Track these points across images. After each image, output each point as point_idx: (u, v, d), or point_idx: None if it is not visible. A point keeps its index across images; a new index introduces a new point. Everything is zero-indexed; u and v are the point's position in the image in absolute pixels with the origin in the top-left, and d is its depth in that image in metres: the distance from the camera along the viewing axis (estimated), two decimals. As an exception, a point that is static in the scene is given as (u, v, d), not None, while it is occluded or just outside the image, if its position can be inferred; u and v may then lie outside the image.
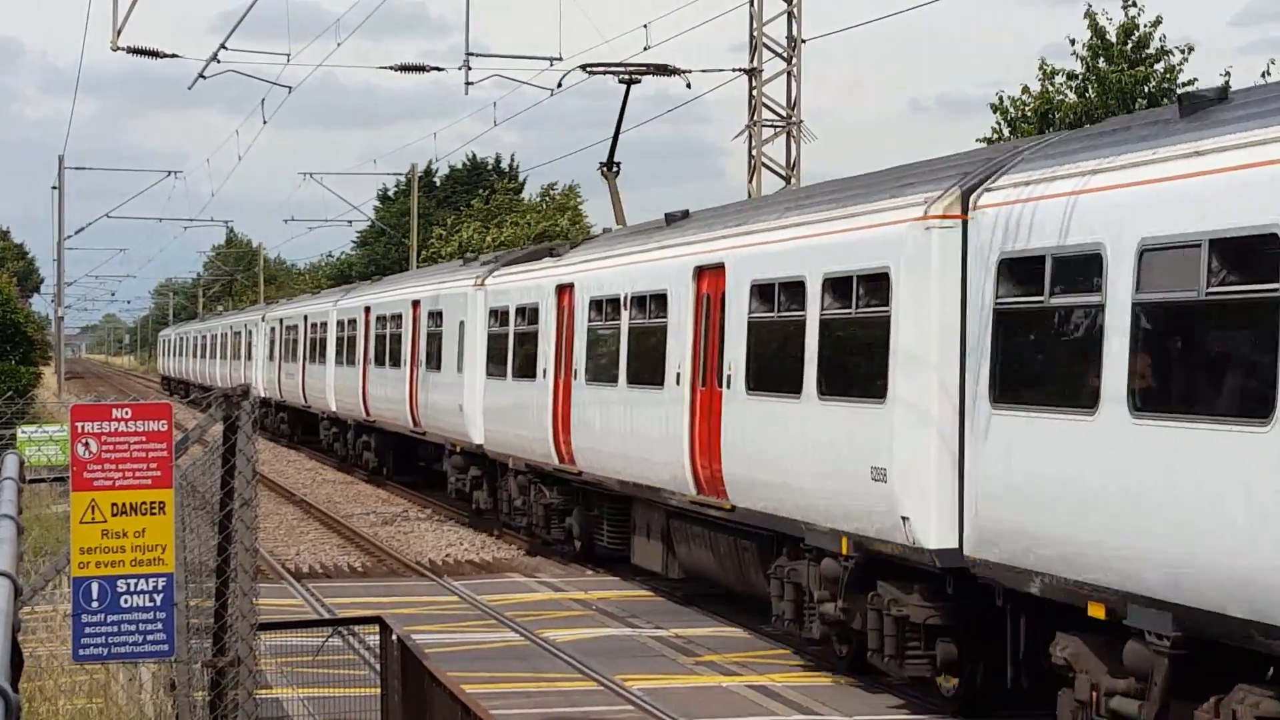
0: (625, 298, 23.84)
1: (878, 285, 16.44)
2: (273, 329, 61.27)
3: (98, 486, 9.42)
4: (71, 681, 12.80)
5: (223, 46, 36.60)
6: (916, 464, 15.70)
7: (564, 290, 26.49)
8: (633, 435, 23.11)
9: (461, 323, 32.46)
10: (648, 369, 22.80)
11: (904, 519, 15.76)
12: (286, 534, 33.30)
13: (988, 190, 15.08)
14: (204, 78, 37.99)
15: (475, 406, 31.32)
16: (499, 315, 30.04)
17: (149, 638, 9.51)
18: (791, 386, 18.09)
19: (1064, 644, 13.65)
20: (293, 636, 15.37)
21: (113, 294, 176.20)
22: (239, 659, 10.62)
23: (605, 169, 31.09)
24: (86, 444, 9.41)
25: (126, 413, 9.49)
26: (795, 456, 18.06)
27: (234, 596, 10.65)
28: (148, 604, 9.46)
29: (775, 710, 16.92)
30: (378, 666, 14.54)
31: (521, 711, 16.71)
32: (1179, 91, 16.73)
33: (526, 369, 28.08)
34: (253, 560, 10.75)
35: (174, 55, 38.10)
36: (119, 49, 35.67)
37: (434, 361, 34.75)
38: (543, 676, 18.65)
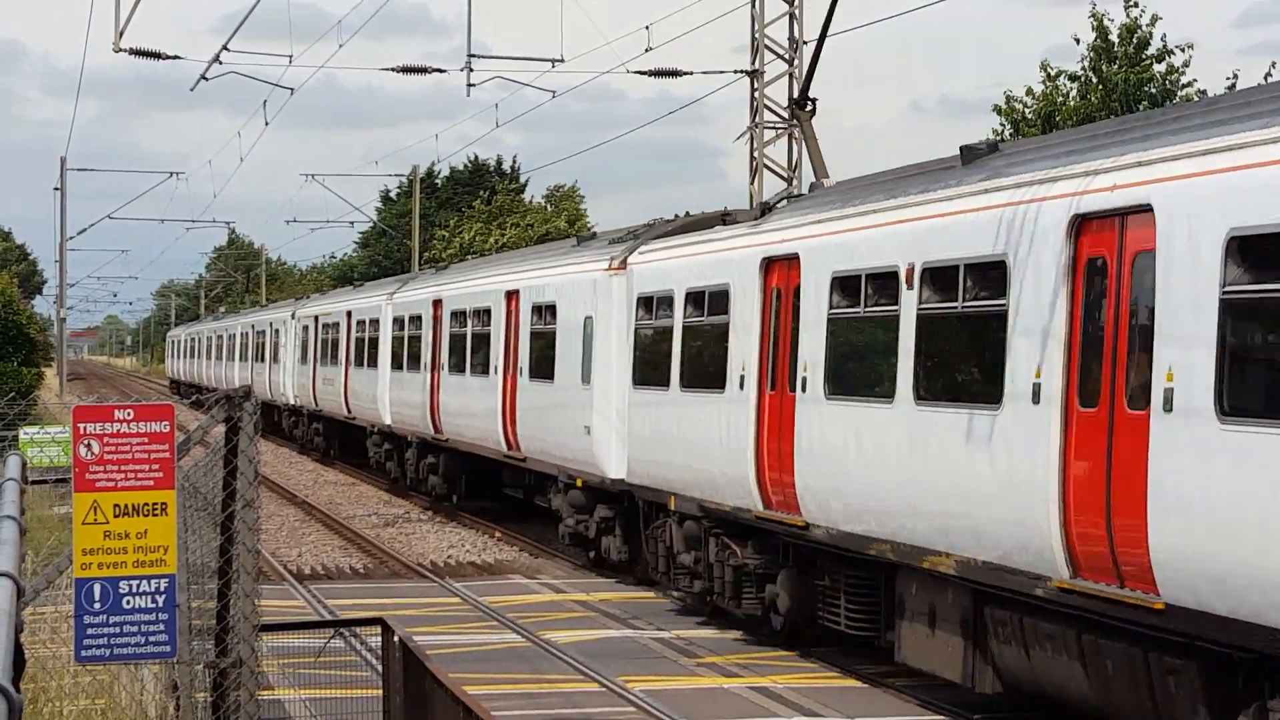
0: (918, 271, 16.08)
1: None
2: (305, 327, 54.20)
3: (100, 488, 9.44)
4: (74, 683, 12.81)
5: (225, 48, 36.62)
6: None
7: (777, 265, 19.58)
8: (926, 477, 15.77)
9: (588, 319, 26.10)
10: (968, 378, 15.52)
11: None
12: (288, 535, 33.32)
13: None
14: (206, 79, 38.01)
15: (610, 428, 24.97)
16: (653, 305, 23.10)
17: (151, 639, 9.52)
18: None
19: None
20: (295, 638, 15.38)
21: (114, 295, 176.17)
22: (241, 660, 10.63)
23: (797, 107, 23.68)
24: (89, 445, 9.43)
25: (129, 414, 9.51)
26: None
27: (236, 598, 10.66)
28: (150, 605, 9.48)
29: (777, 712, 16.93)
30: (379, 668, 14.54)
31: (523, 713, 16.72)
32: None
33: (704, 377, 21.10)
34: (255, 561, 10.76)
35: (176, 57, 38.13)
36: (121, 50, 35.69)
37: (543, 368, 28.30)
38: (544, 678, 18.66)
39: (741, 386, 19.99)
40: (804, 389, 18.40)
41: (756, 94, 34.39)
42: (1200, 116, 12.82)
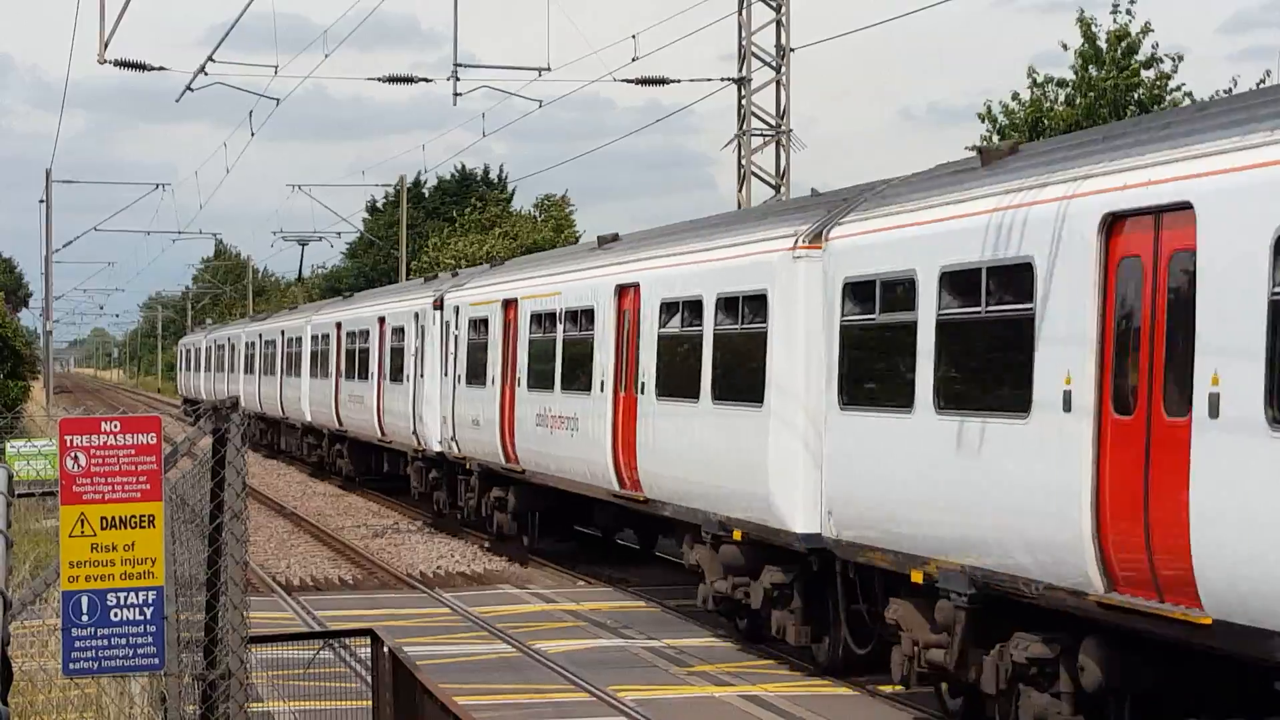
0: None
1: None
2: (325, 336, 48.39)
3: (87, 500, 9.38)
4: (62, 696, 12.75)
5: (210, 59, 36.56)
6: None
7: (1131, 223, 12.78)
8: None
9: (764, 313, 19.30)
10: None
11: None
12: (277, 547, 33.24)
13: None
14: (192, 90, 37.92)
15: (793, 464, 18.61)
16: (872, 293, 16.76)
17: (139, 651, 9.47)
18: None
19: None
20: (284, 649, 15.31)
21: (101, 308, 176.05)
22: (230, 672, 10.57)
23: None
24: (75, 458, 9.37)
25: (115, 426, 9.45)
26: None
27: (224, 609, 10.60)
28: (138, 617, 9.42)
29: (768, 720, 16.89)
30: (369, 679, 14.48)
31: (514, 723, 16.66)
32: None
33: (989, 394, 14.70)
34: (243, 573, 10.70)
35: (161, 68, 38.02)
36: (106, 62, 35.61)
37: (679, 383, 21.62)
38: (535, 688, 18.61)
39: (1067, 407, 13.20)
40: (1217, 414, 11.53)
41: (744, 102, 34.39)
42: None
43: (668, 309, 22.10)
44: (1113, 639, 13.11)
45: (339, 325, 46.78)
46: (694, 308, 21.17)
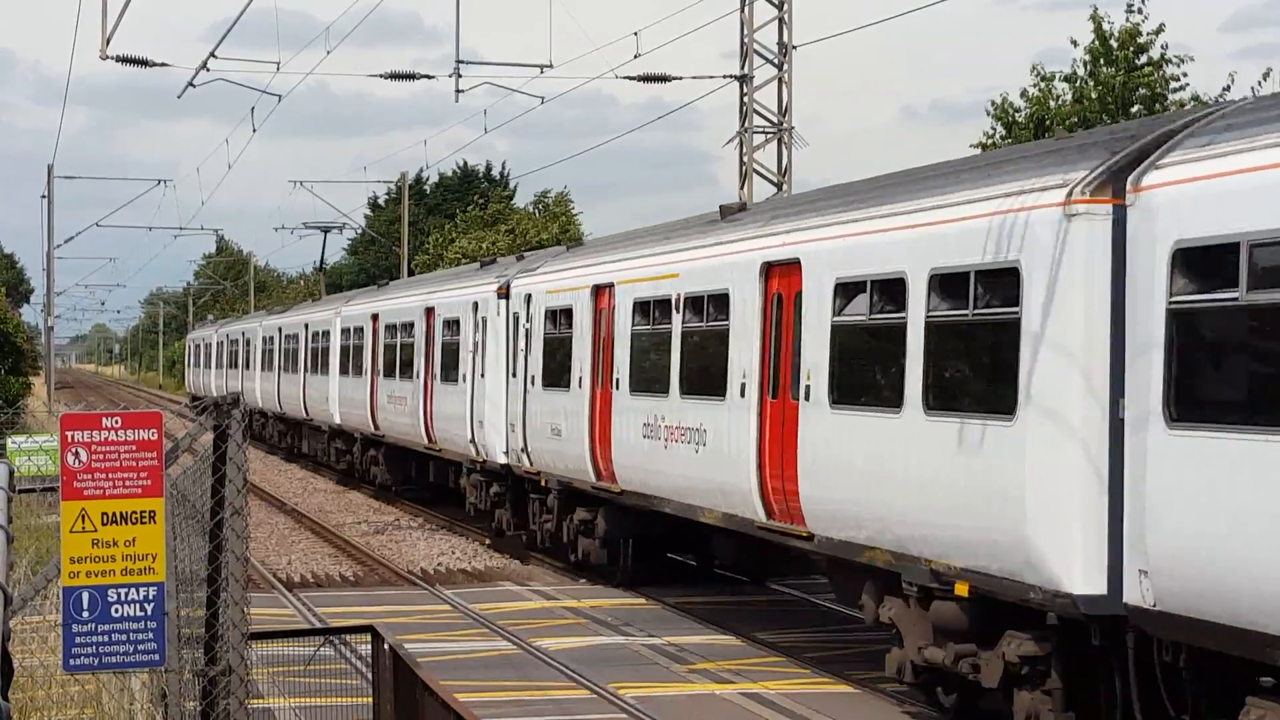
0: None
1: None
2: (359, 329, 43.29)
3: (88, 496, 9.37)
4: (62, 692, 12.74)
5: (212, 55, 36.53)
6: None
7: None
8: None
9: (1025, 293, 14.46)
10: None
11: None
12: (278, 543, 33.23)
13: None
14: (193, 86, 37.89)
15: (1073, 502, 13.89)
16: (1224, 264, 12.31)
17: (140, 647, 9.46)
18: None
19: None
20: (285, 646, 15.30)
21: (103, 304, 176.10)
22: (230, 668, 10.56)
23: None
24: (76, 453, 9.36)
25: (116, 421, 9.44)
26: None
27: (225, 606, 10.59)
28: (138, 613, 9.41)
29: (769, 718, 16.88)
30: (370, 676, 14.48)
31: (514, 720, 16.65)
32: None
33: None
34: (244, 569, 10.69)
35: (163, 64, 38.01)
36: (108, 58, 35.59)
37: (857, 387, 17.33)
38: (535, 685, 18.60)
39: None
40: None
41: (746, 99, 34.36)
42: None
43: (847, 291, 17.37)
44: None
45: (375, 318, 41.28)
46: (890, 289, 16.46)
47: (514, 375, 28.80)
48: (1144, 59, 35.97)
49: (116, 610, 9.39)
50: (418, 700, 12.01)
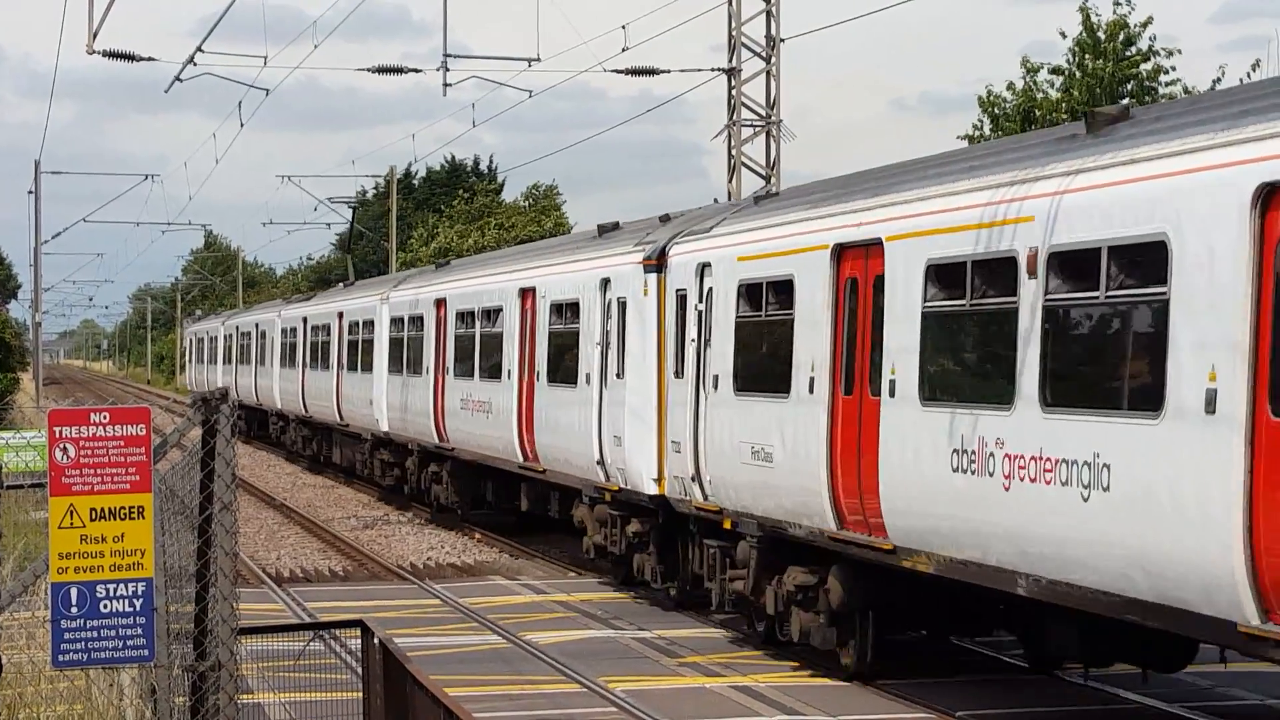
0: None
1: None
2: (413, 319, 35.94)
3: (76, 491, 9.36)
4: (52, 688, 12.72)
5: (200, 49, 36.51)
6: None
7: None
8: None
9: None
10: None
11: None
12: (267, 538, 33.21)
13: None
14: (181, 80, 37.88)
15: None
16: None
17: (129, 643, 9.45)
18: None
19: None
20: (274, 641, 15.28)
21: (90, 299, 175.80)
22: (220, 663, 10.54)
23: None
24: (64, 449, 9.35)
25: (104, 417, 9.43)
26: None
27: (214, 601, 10.57)
28: (127, 609, 9.40)
29: (759, 711, 16.88)
30: (360, 670, 14.46)
31: (504, 714, 16.65)
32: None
33: None
34: (233, 564, 10.67)
35: (150, 58, 37.99)
36: (95, 52, 35.54)
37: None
38: (526, 679, 18.59)
39: None
40: None
41: (734, 92, 34.36)
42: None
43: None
44: None
45: (440, 303, 33.50)
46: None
47: (677, 375, 21.46)
48: (1133, 50, 36.04)
49: (105, 606, 9.38)
50: (407, 695, 12.00)
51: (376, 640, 13.47)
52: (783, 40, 34.22)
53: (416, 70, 39.77)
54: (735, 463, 19.45)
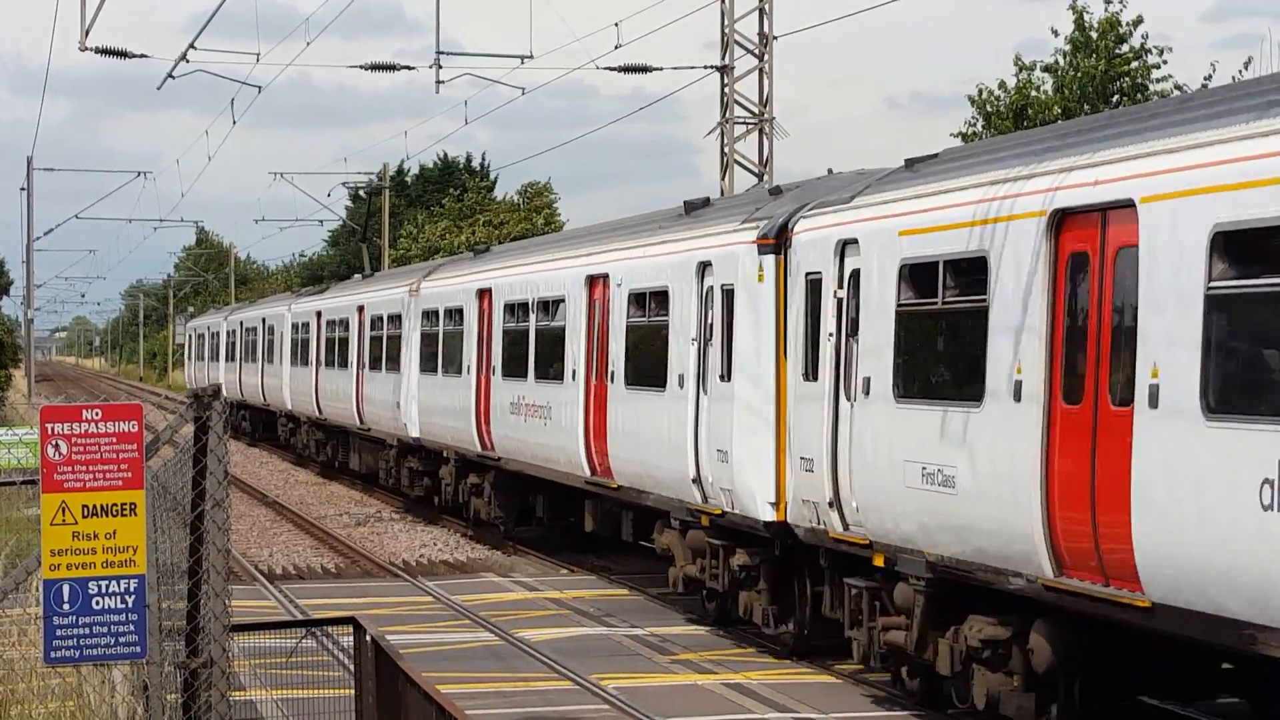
0: None
1: None
2: (455, 311, 31.96)
3: (68, 488, 9.36)
4: (43, 685, 12.71)
5: (192, 46, 36.48)
6: None
7: None
8: None
9: None
10: None
11: None
12: (259, 535, 33.19)
13: None
14: (173, 78, 37.85)
15: None
16: None
17: (121, 640, 9.45)
18: None
19: None
20: (266, 638, 15.29)
21: (83, 296, 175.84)
22: (212, 660, 10.54)
23: None
24: (57, 446, 9.35)
25: (97, 414, 9.44)
26: None
27: (206, 598, 10.57)
28: (119, 606, 9.40)
29: (751, 708, 16.90)
30: (352, 667, 14.46)
31: (497, 711, 16.65)
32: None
33: None
34: (225, 561, 10.67)
35: (143, 55, 37.95)
36: (87, 49, 35.51)
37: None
38: (518, 676, 18.60)
39: None
40: None
41: (727, 89, 34.37)
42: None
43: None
44: None
45: (484, 294, 29.96)
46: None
47: (807, 378, 17.93)
48: (1125, 48, 36.08)
49: (97, 603, 9.39)
50: (400, 692, 12.01)
51: (369, 637, 13.47)
52: (776, 38, 34.25)
53: (409, 67, 39.75)
54: (895, 486, 15.76)
